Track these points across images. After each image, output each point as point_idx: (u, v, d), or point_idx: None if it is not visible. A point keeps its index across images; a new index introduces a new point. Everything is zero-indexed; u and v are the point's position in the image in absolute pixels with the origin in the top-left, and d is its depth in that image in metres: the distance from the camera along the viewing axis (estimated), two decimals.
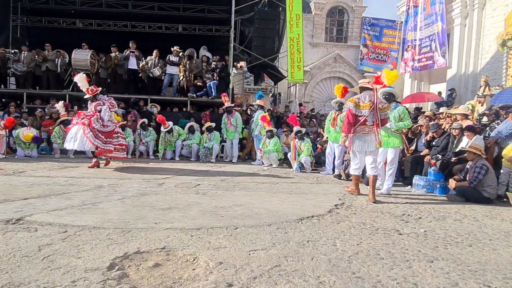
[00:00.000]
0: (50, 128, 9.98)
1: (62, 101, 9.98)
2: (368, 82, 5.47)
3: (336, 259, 2.69)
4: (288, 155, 9.35)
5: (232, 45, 12.63)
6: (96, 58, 12.09)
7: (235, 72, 15.69)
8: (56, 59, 11.96)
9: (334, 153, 8.01)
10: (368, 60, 22.17)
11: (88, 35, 13.73)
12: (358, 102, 5.26)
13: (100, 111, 7.23)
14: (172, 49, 12.02)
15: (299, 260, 2.62)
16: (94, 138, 7.06)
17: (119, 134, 7.78)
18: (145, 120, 10.53)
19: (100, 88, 7.66)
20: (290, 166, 9.13)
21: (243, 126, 10.68)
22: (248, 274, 2.34)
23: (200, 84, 12.27)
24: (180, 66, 12.22)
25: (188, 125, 10.45)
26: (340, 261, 2.64)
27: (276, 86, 18.79)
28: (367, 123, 5.21)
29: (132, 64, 12.01)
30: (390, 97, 5.91)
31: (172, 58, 11.94)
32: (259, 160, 9.83)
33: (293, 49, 12.93)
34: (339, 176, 7.67)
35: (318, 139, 10.46)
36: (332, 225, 3.67)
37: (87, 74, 12.09)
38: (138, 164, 8.65)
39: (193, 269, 2.40)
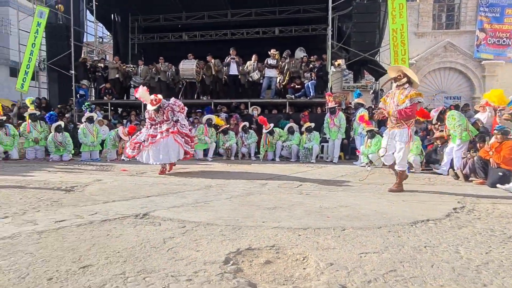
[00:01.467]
0: None
1: None
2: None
3: (461, 267, 2.41)
4: None
5: (329, 43, 12.37)
6: (200, 67, 13.02)
7: (334, 70, 15.37)
8: (168, 71, 13.29)
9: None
10: (486, 46, 19.54)
11: (193, 46, 14.94)
12: None
13: (177, 121, 7.23)
14: (269, 52, 12.29)
15: (416, 266, 2.42)
16: (185, 144, 7.27)
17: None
18: (247, 123, 10.94)
19: (161, 96, 7.29)
20: None
21: (346, 126, 10.36)
22: (361, 277, 2.24)
23: (298, 86, 12.31)
24: (278, 68, 12.44)
25: (287, 126, 10.57)
26: (467, 270, 2.36)
27: (377, 82, 17.83)
28: None
29: (233, 70, 12.61)
30: None
31: (270, 61, 12.21)
32: (361, 160, 9.43)
33: (397, 41, 12.04)
34: (456, 177, 6.92)
35: (427, 136, 9.59)
36: (452, 231, 3.31)
37: (194, 82, 13.18)
38: (241, 166, 9.04)
39: (304, 268, 2.39)
